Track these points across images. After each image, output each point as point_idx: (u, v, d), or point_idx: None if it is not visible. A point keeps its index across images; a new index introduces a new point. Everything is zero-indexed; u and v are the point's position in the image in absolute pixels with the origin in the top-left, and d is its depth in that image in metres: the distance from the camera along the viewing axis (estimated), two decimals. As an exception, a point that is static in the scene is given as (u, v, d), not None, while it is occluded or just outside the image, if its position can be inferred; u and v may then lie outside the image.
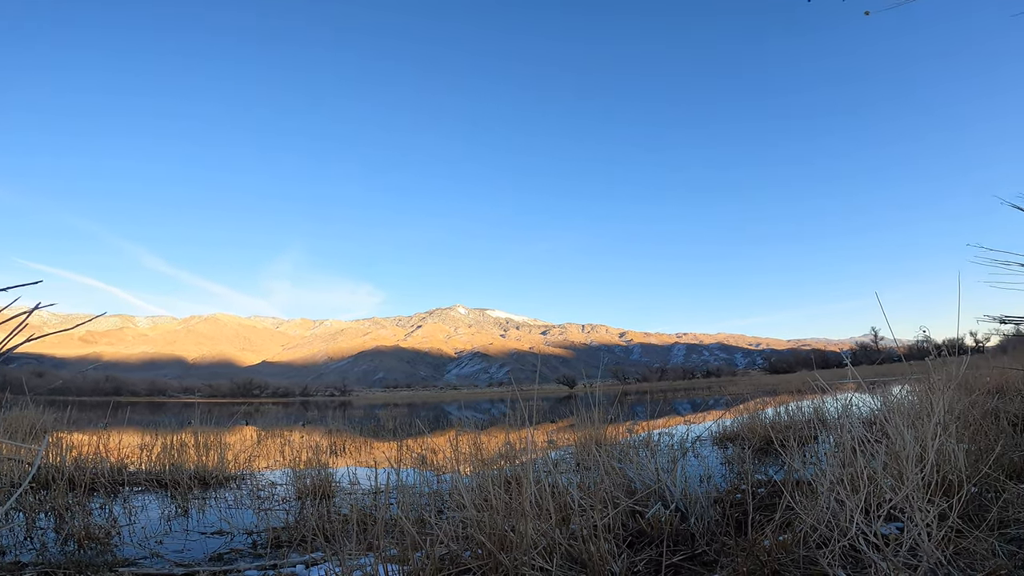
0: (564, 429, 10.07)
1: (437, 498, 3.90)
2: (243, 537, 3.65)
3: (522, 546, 2.14)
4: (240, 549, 3.37)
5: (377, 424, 14.35)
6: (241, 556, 3.23)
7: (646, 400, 18.51)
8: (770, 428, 6.14)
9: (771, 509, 2.62)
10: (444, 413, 21.33)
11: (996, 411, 4.86)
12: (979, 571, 1.57)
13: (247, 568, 2.90)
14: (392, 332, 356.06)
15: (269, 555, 3.14)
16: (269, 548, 3.28)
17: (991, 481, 2.63)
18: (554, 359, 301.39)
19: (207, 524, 4.08)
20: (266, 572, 2.81)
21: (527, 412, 3.32)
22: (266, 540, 3.46)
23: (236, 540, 3.59)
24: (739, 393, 21.32)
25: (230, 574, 2.82)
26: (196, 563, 3.09)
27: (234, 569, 2.90)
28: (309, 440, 9.88)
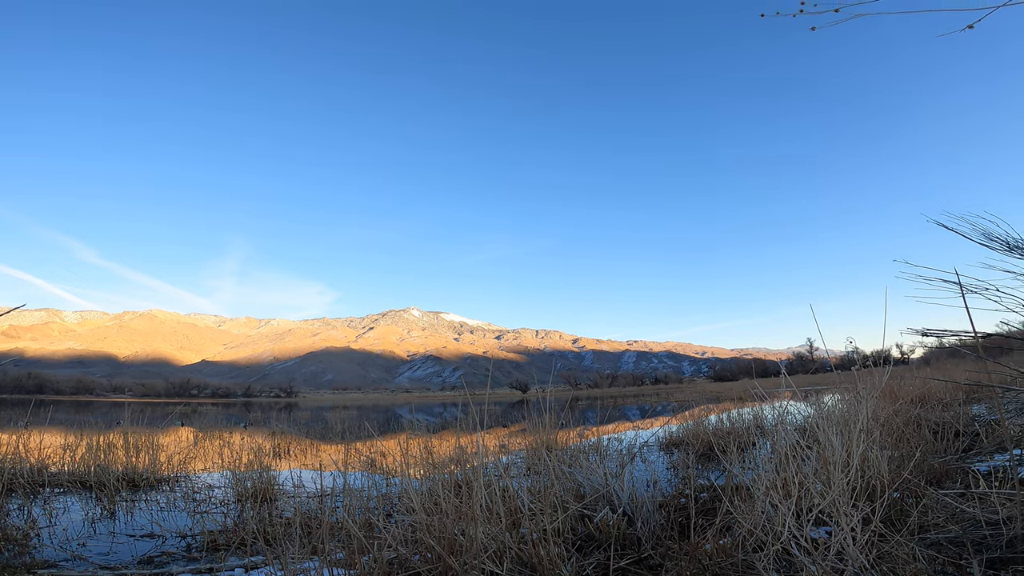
0: (516, 434, 10.12)
1: (386, 502, 3.83)
2: (176, 540, 3.47)
3: (472, 550, 2.15)
4: (172, 552, 3.20)
5: (324, 426, 13.95)
6: (174, 559, 3.07)
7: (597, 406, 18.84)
8: (713, 434, 6.38)
9: (713, 513, 2.73)
10: (395, 416, 20.95)
11: (918, 419, 5.22)
12: (901, 575, 1.68)
13: (180, 572, 2.76)
14: (343, 333, 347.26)
15: (205, 559, 3.00)
16: (205, 551, 3.13)
17: (912, 487, 2.83)
18: (508, 364, 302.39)
19: (136, 527, 3.86)
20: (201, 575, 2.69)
21: (479, 416, 3.32)
22: (202, 543, 3.30)
23: (168, 543, 3.41)
24: (685, 400, 22.01)
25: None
26: (123, 566, 2.92)
27: (166, 572, 2.76)
28: (250, 442, 9.50)
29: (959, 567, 1.67)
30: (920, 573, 1.63)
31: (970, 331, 2.19)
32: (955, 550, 1.79)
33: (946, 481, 3.10)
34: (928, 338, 2.68)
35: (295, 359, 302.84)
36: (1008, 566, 1.64)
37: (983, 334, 2.25)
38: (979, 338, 2.22)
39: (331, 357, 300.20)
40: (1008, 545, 1.70)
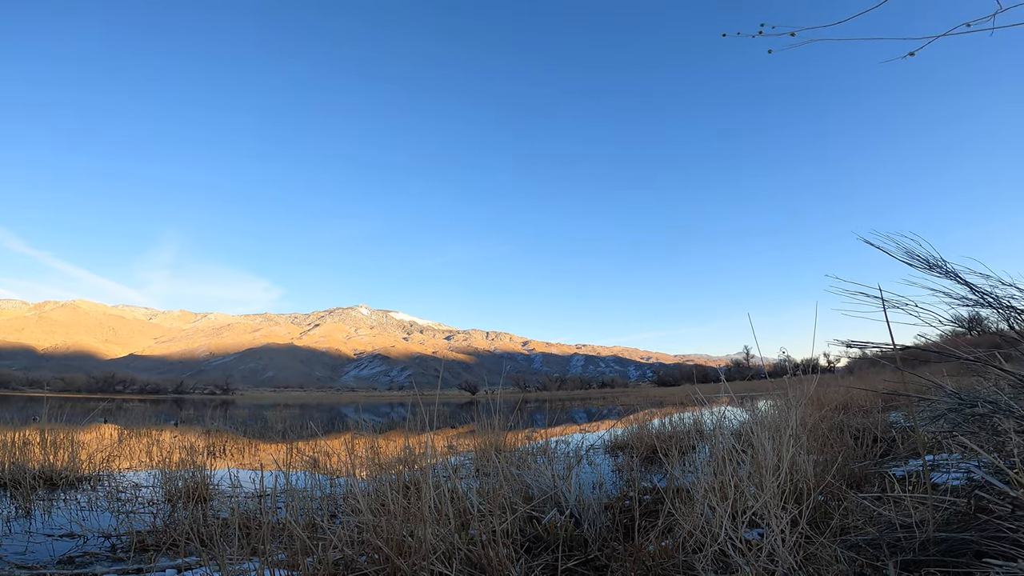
0: (465, 435, 10.09)
1: (331, 502, 3.75)
2: (99, 540, 3.27)
3: (421, 551, 2.14)
4: (95, 552, 3.02)
5: (264, 425, 13.42)
6: (97, 560, 2.89)
7: (545, 408, 19.04)
8: (656, 438, 6.60)
9: (656, 515, 2.84)
10: (340, 415, 20.41)
11: (841, 425, 5.60)
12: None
13: (105, 572, 2.61)
14: (287, 330, 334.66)
15: (132, 559, 2.85)
16: (132, 552, 2.97)
17: (835, 490, 3.04)
18: (457, 365, 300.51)
19: (55, 526, 3.62)
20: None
21: (428, 417, 3.30)
22: (128, 544, 3.12)
23: (91, 543, 3.21)
24: (630, 404, 22.64)
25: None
26: (42, 565, 2.74)
27: (89, 573, 2.60)
28: (182, 440, 9.03)
29: (876, 568, 1.80)
30: (842, 574, 1.75)
31: (890, 343, 2.38)
32: (873, 552, 1.93)
33: (865, 485, 3.33)
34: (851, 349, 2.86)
35: (233, 355, 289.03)
36: (921, 568, 1.78)
37: (901, 346, 2.44)
38: (897, 350, 2.41)
39: (273, 354, 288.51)
40: (921, 547, 1.85)
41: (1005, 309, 2.07)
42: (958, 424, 2.42)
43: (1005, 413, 1.98)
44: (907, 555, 1.84)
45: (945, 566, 1.75)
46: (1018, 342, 2.08)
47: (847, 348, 3.05)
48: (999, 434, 2.05)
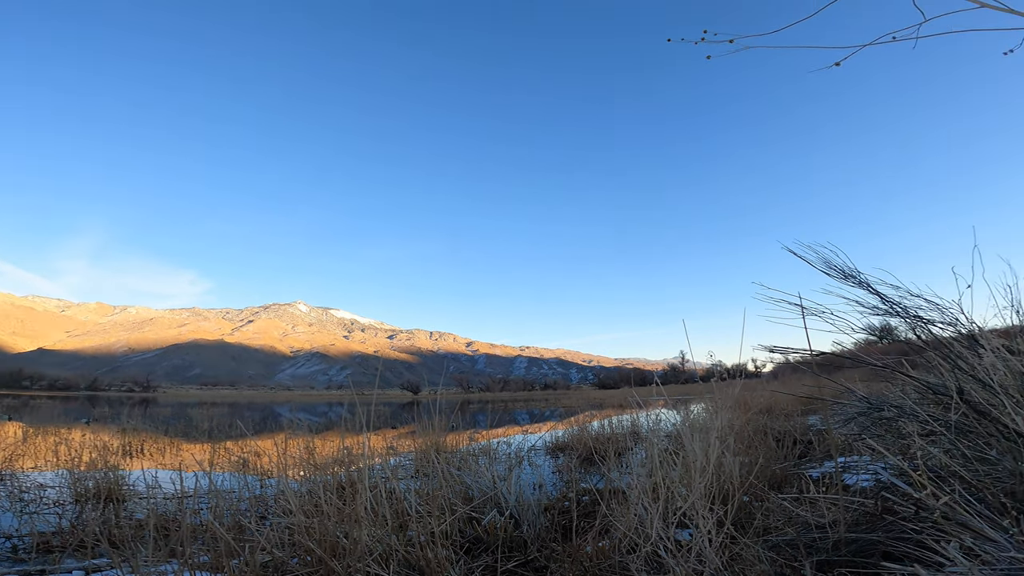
0: (406, 436, 9.91)
1: (261, 504, 3.59)
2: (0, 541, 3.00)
3: (356, 552, 2.08)
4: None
5: (188, 424, 12.65)
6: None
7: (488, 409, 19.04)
8: (595, 440, 6.75)
9: (594, 516, 2.89)
10: (273, 415, 19.53)
11: (765, 428, 5.92)
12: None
13: (5, 572, 2.38)
14: (217, 325, 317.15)
15: (35, 560, 2.62)
16: (35, 553, 2.74)
17: (758, 491, 3.21)
18: (400, 364, 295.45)
19: (-50, 526, 3.28)
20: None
21: (366, 416, 3.22)
22: (30, 544, 2.88)
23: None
24: (572, 406, 23.01)
25: None
26: (-65, 566, 2.46)
27: (-12, 572, 2.36)
28: (94, 439, 8.36)
29: (795, 569, 1.91)
30: (764, 574, 1.84)
31: (807, 349, 2.54)
32: (791, 552, 2.04)
33: (785, 486, 3.54)
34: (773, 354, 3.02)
35: (156, 351, 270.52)
36: (834, 568, 1.90)
37: (818, 352, 2.61)
38: (814, 356, 2.59)
39: (200, 350, 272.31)
40: (834, 548, 1.97)
41: (912, 319, 2.26)
42: (867, 427, 2.63)
43: (909, 417, 2.16)
44: (822, 555, 1.96)
45: (855, 566, 1.88)
46: (924, 350, 2.28)
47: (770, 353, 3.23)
48: (904, 437, 2.23)
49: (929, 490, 1.61)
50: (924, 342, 2.26)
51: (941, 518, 1.59)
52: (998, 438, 1.90)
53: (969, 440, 2.04)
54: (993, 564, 1.41)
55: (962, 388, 2.01)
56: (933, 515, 1.62)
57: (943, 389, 2.24)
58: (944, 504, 1.58)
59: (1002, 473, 1.84)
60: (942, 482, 1.87)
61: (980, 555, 1.45)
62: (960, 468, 1.89)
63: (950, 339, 2.21)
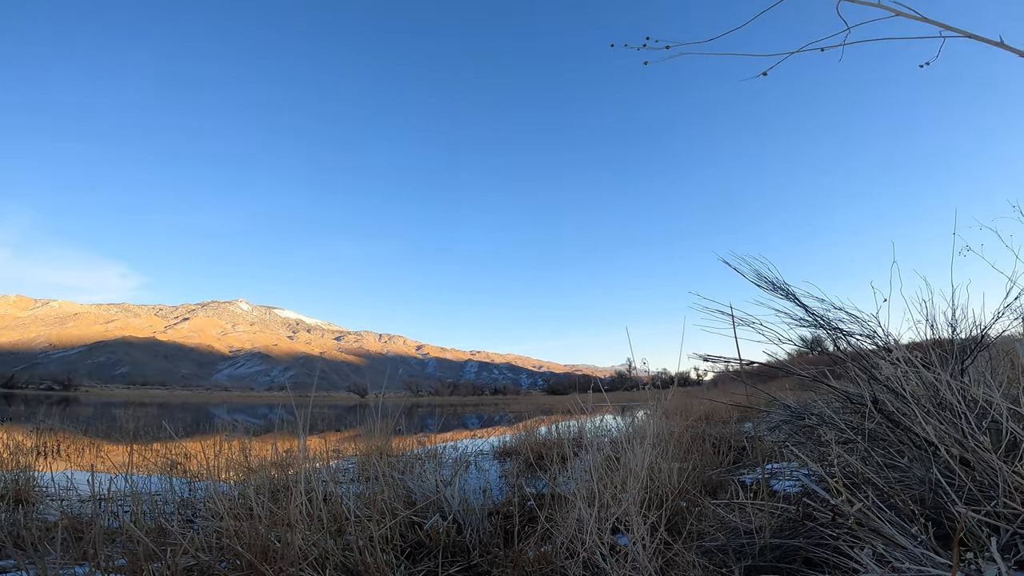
0: (351, 439, 9.66)
1: (188, 507, 3.41)
2: None
3: (288, 556, 2.01)
4: None
5: (111, 424, 11.84)
6: None
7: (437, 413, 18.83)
8: (542, 444, 6.81)
9: (537, 521, 2.92)
10: (208, 416, 18.57)
11: (704, 434, 6.15)
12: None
13: None
14: (148, 322, 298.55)
15: None
16: None
17: (693, 496, 3.32)
18: (347, 366, 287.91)
19: None
20: None
21: (309, 419, 3.13)
22: None
23: None
24: (521, 411, 23.08)
25: None
26: None
27: None
28: (6, 438, 7.69)
29: (723, 574, 2.00)
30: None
31: (738, 359, 2.68)
32: (722, 557, 2.13)
33: (720, 492, 3.68)
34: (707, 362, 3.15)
35: (79, 348, 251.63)
36: (761, 574, 1.99)
37: (748, 361, 2.75)
38: (746, 365, 2.73)
39: (129, 348, 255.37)
40: (760, 553, 2.07)
41: (833, 331, 2.43)
42: (791, 435, 2.79)
43: (828, 425, 2.31)
44: (749, 561, 2.05)
45: (780, 572, 1.97)
46: (845, 361, 2.44)
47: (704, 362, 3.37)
48: (824, 445, 2.38)
49: (844, 496, 1.70)
50: (844, 353, 2.43)
51: (855, 524, 1.68)
52: (909, 446, 2.06)
53: (883, 448, 2.20)
54: (902, 571, 1.50)
55: (876, 397, 2.17)
56: (848, 521, 1.70)
57: (860, 399, 2.41)
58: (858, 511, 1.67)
59: (912, 480, 1.98)
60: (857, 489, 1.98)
61: (891, 561, 1.53)
62: (874, 475, 2.03)
63: (868, 351, 2.39)
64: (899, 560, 1.53)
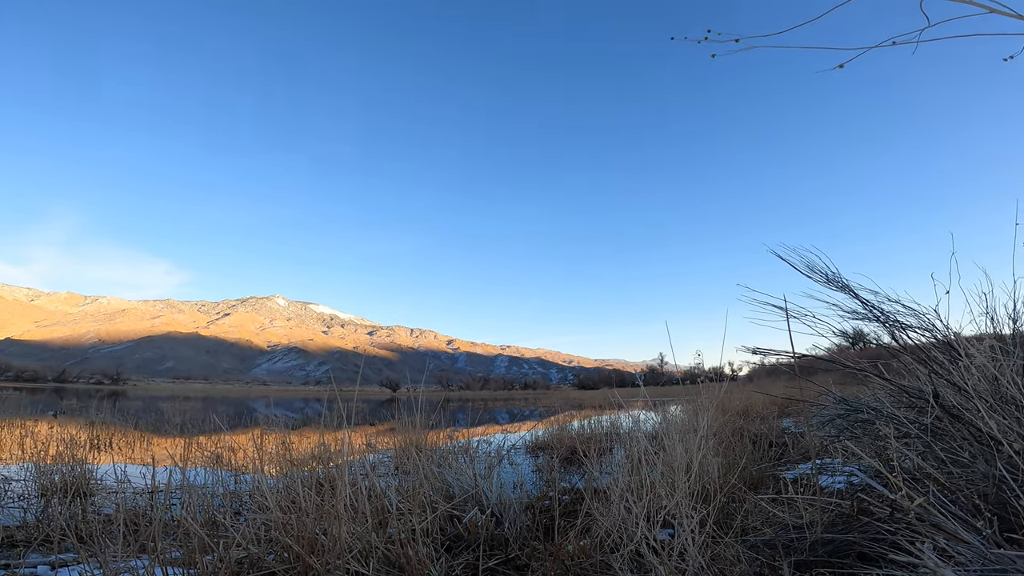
0: (385, 433, 9.83)
1: (235, 499, 3.51)
2: (-39, 535, 2.89)
3: (335, 550, 2.04)
4: (-44, 547, 2.66)
5: (159, 418, 12.34)
6: (-41, 554, 2.55)
7: (468, 408, 18.97)
8: (576, 439, 6.78)
9: (575, 515, 2.89)
10: (249, 410, 19.20)
11: (742, 430, 6.02)
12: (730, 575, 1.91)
13: None
14: (192, 317, 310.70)
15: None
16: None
17: (737, 491, 3.25)
18: (379, 361, 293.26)
19: (-90, 521, 3.15)
20: None
21: (345, 412, 3.18)
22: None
23: (-50, 539, 2.83)
24: (551, 405, 23.10)
25: None
26: None
27: (-52, 568, 2.27)
28: (61, 432, 8.10)
29: (773, 568, 1.94)
30: (743, 574, 1.86)
31: (790, 351, 2.57)
32: (770, 552, 2.07)
33: (761, 487, 3.59)
34: (756, 355, 3.05)
35: (128, 343, 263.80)
36: (812, 568, 1.93)
37: (799, 354, 2.65)
38: (795, 358, 2.62)
39: (174, 343, 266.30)
40: (811, 548, 2.00)
41: (891, 323, 2.31)
42: (844, 429, 2.68)
43: (887, 420, 2.21)
44: (799, 555, 1.99)
45: (832, 566, 1.91)
46: (900, 354, 2.33)
47: (752, 354, 3.27)
48: (880, 439, 2.28)
49: (904, 491, 1.63)
50: (901, 347, 2.31)
51: (915, 519, 1.61)
52: (971, 441, 1.95)
53: (943, 443, 2.09)
54: (966, 565, 1.44)
55: (937, 392, 2.06)
56: (907, 516, 1.64)
57: (918, 393, 2.29)
58: (919, 505, 1.60)
59: (975, 476, 1.89)
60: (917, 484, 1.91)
61: (953, 556, 1.47)
62: (934, 470, 1.93)
63: (927, 344, 2.27)
64: (961, 555, 1.47)
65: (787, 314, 2.53)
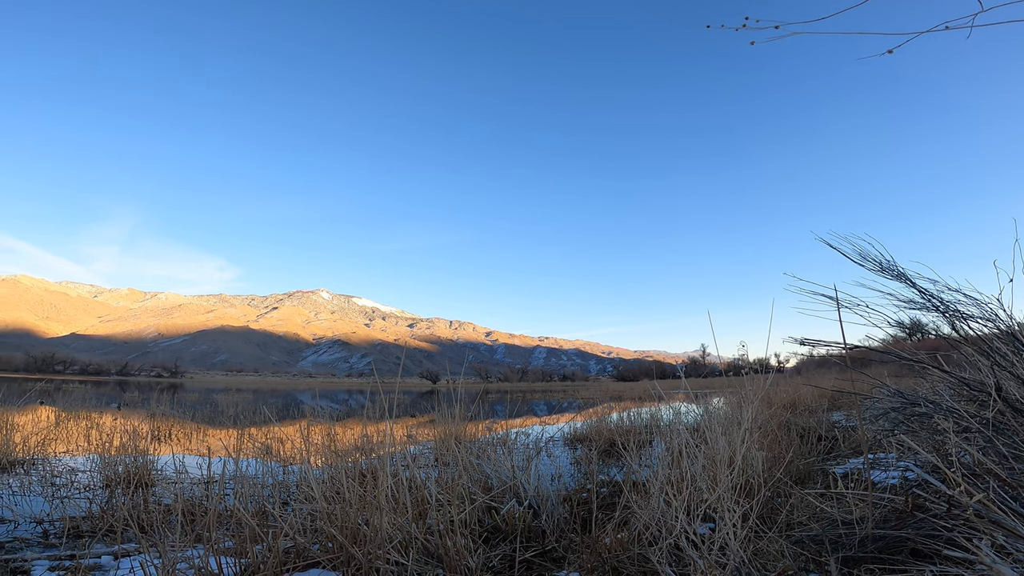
0: (425, 424, 10.01)
1: (283, 490, 3.65)
2: (30, 526, 3.11)
3: (377, 540, 2.10)
4: (26, 538, 2.86)
5: (214, 410, 12.96)
6: (28, 546, 2.75)
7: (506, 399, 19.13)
8: (615, 431, 6.72)
9: (613, 508, 2.88)
10: (296, 402, 19.93)
11: (788, 423, 5.83)
12: (772, 571, 1.86)
13: (35, 558, 2.46)
14: (242, 312, 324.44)
15: (65, 545, 2.70)
16: (65, 538, 2.83)
17: (782, 486, 3.16)
18: (419, 353, 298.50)
19: (-15, 512, 3.42)
20: (61, 562, 2.41)
21: (387, 404, 3.25)
22: (61, 529, 2.98)
23: (22, 529, 3.05)
24: (590, 397, 22.95)
25: (13, 564, 2.37)
26: (-32, 550, 2.57)
27: (18, 559, 2.45)
28: (124, 424, 8.62)
29: (819, 564, 1.88)
30: (787, 570, 1.81)
31: (840, 342, 2.45)
32: (816, 548, 2.00)
33: (809, 482, 3.48)
34: (804, 346, 2.93)
35: (184, 336, 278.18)
36: (861, 564, 1.86)
37: (851, 346, 2.52)
38: (846, 349, 2.50)
39: (226, 336, 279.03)
40: (860, 544, 1.93)
41: (951, 313, 2.17)
42: (900, 423, 2.55)
43: (946, 413, 2.09)
44: (848, 551, 1.91)
45: (883, 563, 1.83)
46: (960, 345, 2.19)
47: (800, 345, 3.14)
48: (938, 434, 2.16)
49: (963, 487, 1.56)
50: (962, 338, 2.17)
51: (974, 516, 1.54)
52: (1037, 436, 1.83)
53: (1005, 438, 1.97)
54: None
55: (1000, 385, 1.93)
56: (966, 512, 1.57)
57: (979, 386, 2.16)
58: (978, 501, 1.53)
59: (1041, 472, 1.77)
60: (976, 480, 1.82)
61: (1012, 553, 1.42)
62: (995, 466, 1.83)
63: (989, 335, 2.13)
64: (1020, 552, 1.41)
65: (837, 304, 2.41)
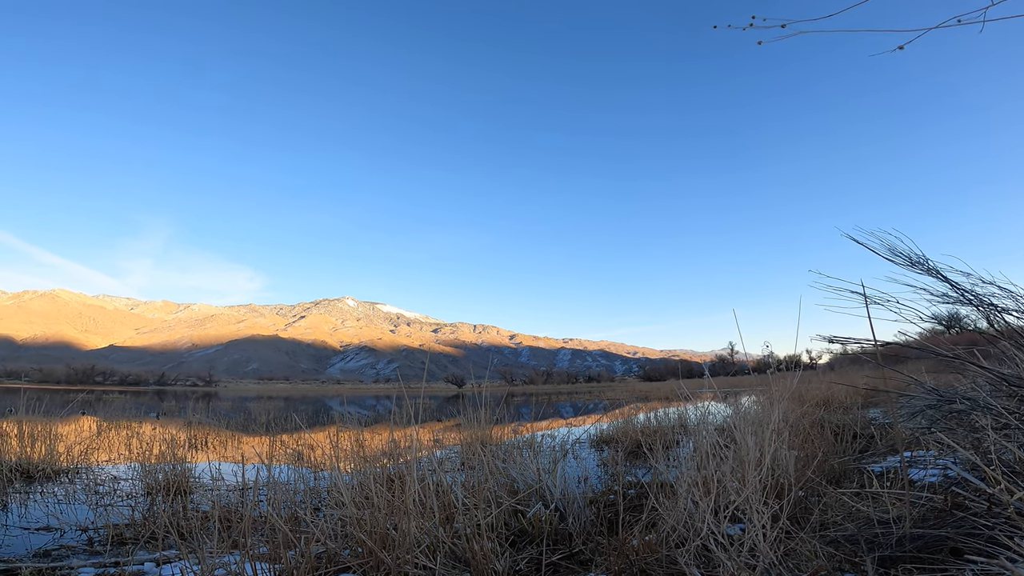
0: (451, 428, 10.07)
1: (314, 496, 3.72)
2: (76, 534, 3.23)
3: (405, 544, 2.13)
4: (72, 546, 2.97)
5: (247, 417, 13.28)
6: (74, 553, 2.85)
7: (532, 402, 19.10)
8: (641, 433, 6.65)
9: (640, 510, 2.85)
10: (325, 408, 20.26)
11: (822, 421, 5.68)
12: (804, 571, 1.82)
13: (81, 566, 2.56)
14: (271, 321, 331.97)
15: (109, 552, 2.80)
16: (109, 545, 2.93)
17: (814, 486, 3.08)
18: (444, 357, 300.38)
19: (31, 520, 3.56)
20: (106, 569, 2.50)
21: (414, 410, 3.29)
22: (105, 537, 3.08)
23: (67, 537, 3.16)
24: (616, 398, 22.73)
25: (59, 571, 2.47)
26: (17, 559, 2.68)
27: (64, 566, 2.55)
28: (163, 432, 8.89)
29: (855, 564, 1.83)
30: (821, 570, 1.77)
31: (871, 339, 2.39)
32: (851, 547, 1.95)
33: (844, 481, 3.38)
34: (834, 344, 2.86)
35: (217, 346, 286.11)
36: (898, 564, 1.81)
37: (882, 343, 2.45)
38: (878, 346, 2.43)
39: (257, 345, 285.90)
40: (898, 544, 1.87)
41: (986, 307, 2.10)
42: (936, 420, 2.46)
43: (984, 410, 2.02)
44: (884, 551, 1.86)
45: (921, 562, 1.78)
46: (997, 340, 2.12)
47: (829, 343, 3.07)
48: (977, 431, 2.09)
49: (1003, 485, 1.52)
50: (999, 331, 2.09)
51: (1015, 514, 1.50)
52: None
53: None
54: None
55: (1042, 378, 1.86)
56: (1007, 510, 1.53)
57: (1018, 381, 2.08)
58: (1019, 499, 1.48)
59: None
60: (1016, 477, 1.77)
61: None
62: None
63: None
64: None
65: (866, 300, 2.35)
